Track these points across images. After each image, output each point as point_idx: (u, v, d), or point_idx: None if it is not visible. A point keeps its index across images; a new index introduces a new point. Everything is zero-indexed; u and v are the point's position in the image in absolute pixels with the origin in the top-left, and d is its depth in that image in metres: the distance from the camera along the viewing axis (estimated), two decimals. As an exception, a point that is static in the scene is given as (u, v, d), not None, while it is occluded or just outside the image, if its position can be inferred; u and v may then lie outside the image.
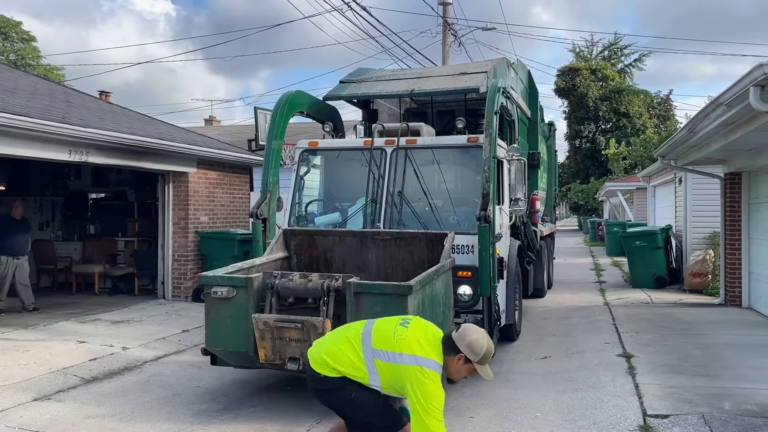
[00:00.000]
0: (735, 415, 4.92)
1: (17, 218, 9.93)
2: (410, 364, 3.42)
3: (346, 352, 3.59)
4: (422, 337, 3.56)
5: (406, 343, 3.50)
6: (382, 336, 3.58)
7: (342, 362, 3.57)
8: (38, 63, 34.85)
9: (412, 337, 3.53)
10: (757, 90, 5.28)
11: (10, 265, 9.66)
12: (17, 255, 9.77)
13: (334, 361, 3.58)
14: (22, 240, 9.92)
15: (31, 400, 5.67)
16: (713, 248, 11.86)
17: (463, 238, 6.54)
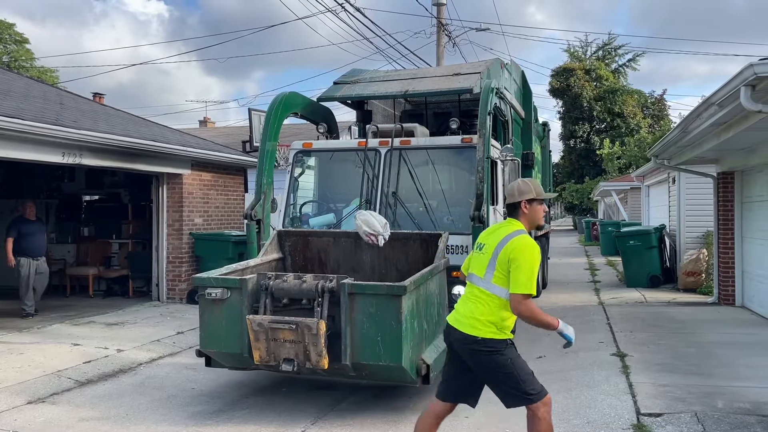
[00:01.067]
0: (728, 413, 4.95)
1: (32, 219, 9.89)
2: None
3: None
4: (495, 236, 3.75)
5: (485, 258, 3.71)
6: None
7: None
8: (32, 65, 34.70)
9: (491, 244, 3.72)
10: (748, 90, 5.32)
11: (31, 267, 9.64)
12: (36, 256, 9.75)
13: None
14: (39, 240, 9.88)
15: (25, 403, 5.66)
16: (707, 247, 11.91)
17: (457, 239, 6.55)
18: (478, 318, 3.66)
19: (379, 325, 4.75)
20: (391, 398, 5.69)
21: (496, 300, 3.64)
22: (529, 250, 3.58)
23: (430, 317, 5.34)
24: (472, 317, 3.68)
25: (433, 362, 5.09)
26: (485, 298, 3.67)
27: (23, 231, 9.67)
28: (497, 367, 3.64)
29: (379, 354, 4.77)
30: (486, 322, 3.64)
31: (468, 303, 3.76)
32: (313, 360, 4.86)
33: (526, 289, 3.52)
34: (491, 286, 3.65)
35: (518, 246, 3.58)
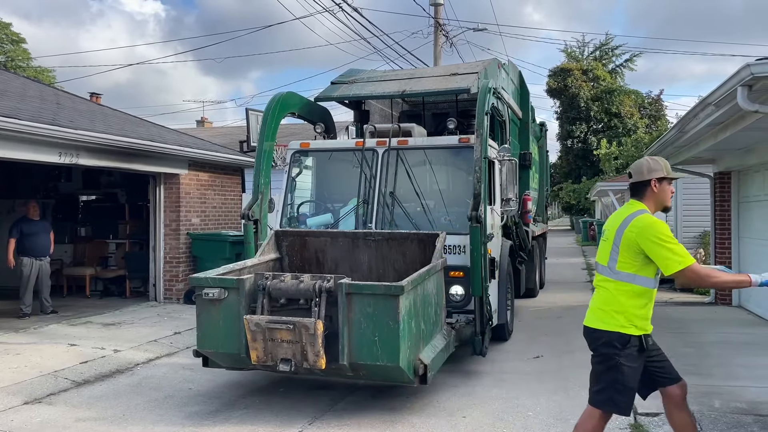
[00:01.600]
0: (725, 413, 4.96)
1: (35, 218, 9.84)
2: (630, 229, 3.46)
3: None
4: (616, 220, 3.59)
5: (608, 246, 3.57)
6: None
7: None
8: (28, 65, 34.62)
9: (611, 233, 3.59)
10: (745, 90, 5.32)
11: (33, 267, 9.60)
12: (39, 256, 9.72)
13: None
14: (44, 241, 9.84)
15: (21, 404, 5.64)
16: (703, 247, 11.94)
17: (454, 239, 6.55)
18: (604, 309, 3.49)
19: (377, 325, 4.75)
20: (388, 398, 5.69)
21: (623, 287, 3.45)
22: (655, 226, 3.37)
23: (427, 317, 5.34)
24: (598, 309, 3.54)
25: (430, 362, 5.09)
26: (611, 287, 3.50)
27: (26, 231, 9.63)
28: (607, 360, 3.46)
29: (377, 354, 4.76)
30: (612, 313, 3.46)
31: (596, 295, 3.62)
32: (310, 360, 4.85)
33: (680, 264, 3.30)
34: (616, 273, 3.48)
35: (643, 226, 3.38)
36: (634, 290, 3.44)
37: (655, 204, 3.59)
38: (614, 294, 3.48)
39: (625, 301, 3.45)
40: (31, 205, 10.04)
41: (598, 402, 3.54)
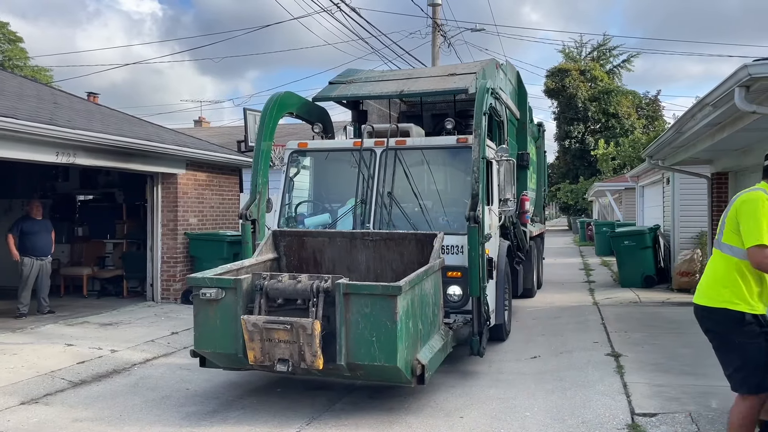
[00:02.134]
0: (722, 413, 4.96)
1: (37, 218, 9.80)
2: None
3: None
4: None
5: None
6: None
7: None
8: (25, 64, 34.54)
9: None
10: (742, 91, 5.33)
11: (34, 267, 9.57)
12: (40, 256, 9.68)
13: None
14: (45, 240, 9.81)
15: (18, 404, 5.63)
16: (701, 248, 11.95)
17: (452, 239, 6.55)
18: (711, 285, 3.50)
19: (374, 325, 4.75)
20: (386, 399, 5.68)
21: (730, 261, 3.44)
22: (754, 199, 3.36)
23: (425, 317, 5.34)
24: (706, 285, 3.54)
25: (428, 362, 5.09)
26: (719, 261, 3.51)
27: (26, 230, 9.59)
28: (722, 340, 3.47)
29: (374, 354, 4.76)
30: (719, 288, 3.45)
31: (706, 271, 3.60)
32: (308, 360, 4.85)
33: (758, 239, 3.28)
34: (722, 246, 3.49)
35: (745, 198, 3.42)
36: (738, 264, 3.45)
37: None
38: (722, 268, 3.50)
39: (732, 275, 3.46)
40: (34, 204, 9.98)
41: (738, 386, 3.55)
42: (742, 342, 3.43)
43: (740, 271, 3.44)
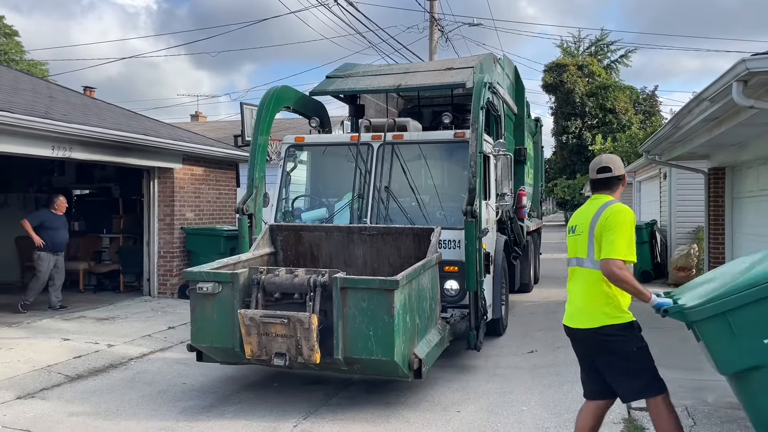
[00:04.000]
0: (718, 408, 4.98)
1: (60, 214, 9.67)
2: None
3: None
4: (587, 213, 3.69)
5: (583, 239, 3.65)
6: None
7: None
8: (21, 58, 34.38)
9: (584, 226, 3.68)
10: (740, 85, 5.33)
11: (50, 262, 9.50)
12: (57, 251, 9.61)
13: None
14: (64, 236, 9.72)
15: (14, 398, 5.61)
16: (697, 243, 11.98)
17: (449, 233, 6.55)
18: (590, 305, 3.56)
19: (372, 319, 4.74)
20: (383, 393, 5.68)
21: (602, 275, 3.51)
22: (622, 214, 3.48)
23: (422, 312, 5.34)
24: (583, 308, 3.60)
25: (425, 357, 5.09)
26: (589, 278, 3.57)
27: (48, 224, 9.44)
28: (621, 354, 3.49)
29: (371, 348, 4.76)
30: (600, 305, 3.53)
31: (580, 293, 3.65)
32: (305, 354, 4.84)
33: (623, 254, 3.39)
34: (597, 263, 3.52)
35: (612, 212, 3.49)
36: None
37: (619, 197, 3.76)
38: (598, 284, 3.52)
39: (611, 291, 3.51)
40: (58, 199, 9.75)
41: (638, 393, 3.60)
42: (639, 347, 3.53)
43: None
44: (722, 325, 3.14)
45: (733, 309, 3.13)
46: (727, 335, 3.14)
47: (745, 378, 3.21)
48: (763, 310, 3.09)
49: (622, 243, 3.41)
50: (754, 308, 3.11)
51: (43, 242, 9.30)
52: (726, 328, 3.13)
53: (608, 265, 3.41)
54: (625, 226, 3.45)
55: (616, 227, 3.44)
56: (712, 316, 3.17)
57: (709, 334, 3.22)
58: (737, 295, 3.13)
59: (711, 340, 3.22)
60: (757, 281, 3.11)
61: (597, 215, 3.55)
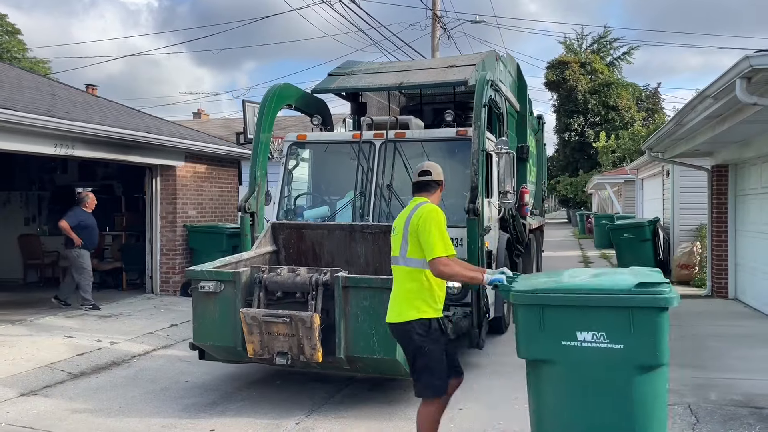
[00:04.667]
0: (721, 405, 4.97)
1: (90, 211, 9.63)
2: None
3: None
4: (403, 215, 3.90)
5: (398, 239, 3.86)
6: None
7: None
8: (23, 56, 34.42)
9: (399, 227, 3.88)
10: (744, 82, 5.31)
11: (89, 258, 9.50)
12: (91, 249, 9.64)
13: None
14: (96, 233, 9.73)
15: (17, 396, 5.63)
16: (700, 240, 11.95)
17: (451, 231, 6.44)
18: (402, 301, 3.74)
19: (373, 318, 4.74)
20: (385, 390, 5.69)
21: (414, 273, 3.71)
22: (432, 214, 3.69)
23: (424, 310, 5.32)
24: (397, 304, 3.78)
25: (427, 355, 5.07)
26: (403, 276, 3.76)
27: (83, 223, 9.39)
28: (414, 349, 3.71)
29: (373, 347, 4.76)
30: (410, 301, 3.71)
31: (394, 290, 3.85)
32: (307, 353, 4.85)
33: (440, 251, 3.61)
34: (408, 261, 3.73)
35: (422, 214, 3.70)
36: (425, 274, 3.69)
37: (437, 202, 3.97)
38: (410, 283, 3.72)
39: (420, 288, 3.70)
40: (89, 197, 9.72)
41: (418, 391, 3.78)
42: (430, 348, 3.68)
43: (424, 281, 3.70)
44: (536, 315, 3.41)
45: (549, 305, 3.39)
46: (537, 326, 3.40)
47: (537, 367, 3.50)
48: (569, 316, 3.36)
49: (437, 241, 3.62)
50: (563, 311, 3.37)
51: (81, 241, 9.31)
52: (538, 320, 3.40)
53: (434, 266, 3.61)
54: (435, 224, 3.66)
55: (427, 228, 3.65)
56: (531, 304, 3.44)
57: (523, 319, 3.48)
58: (556, 295, 3.39)
59: (523, 325, 3.48)
60: (575, 290, 3.39)
61: (410, 216, 3.76)
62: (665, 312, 3.29)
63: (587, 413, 3.36)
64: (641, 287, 3.29)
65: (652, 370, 3.32)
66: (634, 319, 3.26)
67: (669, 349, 3.41)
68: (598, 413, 3.33)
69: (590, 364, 3.32)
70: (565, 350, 3.35)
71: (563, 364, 3.37)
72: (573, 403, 3.38)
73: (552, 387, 3.45)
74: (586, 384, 3.34)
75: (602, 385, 3.31)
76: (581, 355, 3.33)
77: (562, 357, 3.37)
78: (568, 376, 3.38)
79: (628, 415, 3.29)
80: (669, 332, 3.37)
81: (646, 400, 3.30)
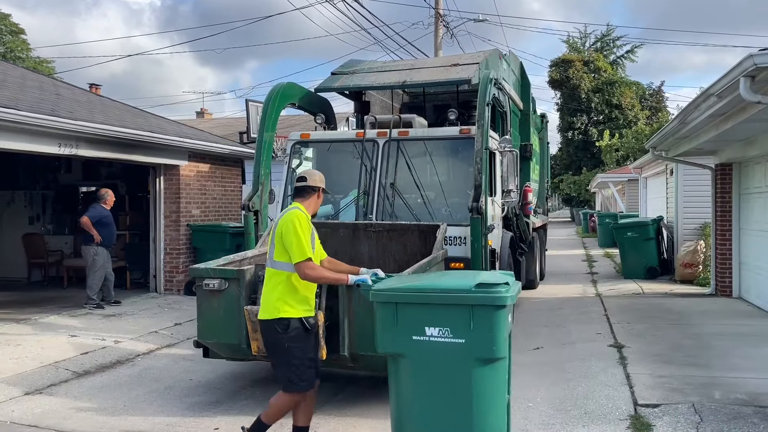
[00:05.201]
0: (725, 404, 4.96)
1: (108, 207, 9.65)
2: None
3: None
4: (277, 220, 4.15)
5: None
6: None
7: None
8: (27, 56, 34.51)
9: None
10: (747, 81, 5.29)
11: (105, 256, 9.53)
12: (109, 246, 9.67)
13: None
14: (114, 231, 9.76)
15: (22, 394, 5.65)
16: (704, 239, 11.93)
17: (455, 230, 6.54)
18: (271, 299, 3.95)
19: (377, 316, 4.73)
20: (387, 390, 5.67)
21: (281, 275, 3.94)
22: (292, 219, 3.92)
23: (428, 308, 5.33)
24: (266, 301, 3.99)
25: (431, 353, 5.08)
26: (274, 277, 3.97)
27: (104, 220, 9.41)
28: (276, 346, 3.97)
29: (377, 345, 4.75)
30: (276, 301, 3.92)
31: (265, 289, 4.05)
32: (311, 351, 4.84)
33: (302, 255, 3.85)
34: (274, 263, 3.96)
35: (284, 220, 3.95)
36: (289, 277, 3.92)
37: (314, 208, 4.22)
38: (276, 284, 3.94)
39: (283, 288, 3.92)
40: (108, 194, 9.71)
41: (285, 386, 4.01)
42: (290, 346, 3.91)
43: (291, 282, 3.93)
44: (391, 311, 3.69)
45: (402, 303, 3.68)
46: (392, 322, 3.68)
47: (395, 360, 3.76)
48: (419, 312, 3.64)
49: (297, 246, 3.85)
50: (414, 308, 3.66)
51: (101, 238, 9.33)
52: (392, 315, 3.68)
53: (300, 269, 3.87)
54: (294, 230, 3.88)
55: (288, 233, 3.89)
56: (386, 302, 3.72)
57: (380, 316, 3.75)
58: (407, 293, 3.69)
59: (380, 321, 3.75)
60: (423, 289, 3.70)
61: (277, 221, 4.04)
62: (502, 309, 3.53)
63: (434, 404, 3.61)
64: (480, 287, 3.56)
65: (490, 363, 3.57)
66: (474, 316, 3.52)
67: (507, 344, 3.67)
68: (443, 404, 3.60)
69: (437, 358, 3.59)
70: (415, 344, 3.63)
71: (414, 357, 3.65)
72: (422, 394, 3.65)
73: (406, 379, 3.72)
74: (433, 376, 3.61)
75: (447, 377, 3.58)
76: (429, 349, 3.60)
77: (413, 351, 3.64)
78: (418, 368, 3.65)
79: (468, 406, 3.55)
80: (508, 329, 3.64)
81: (485, 391, 3.58)
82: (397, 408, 3.81)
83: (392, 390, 3.84)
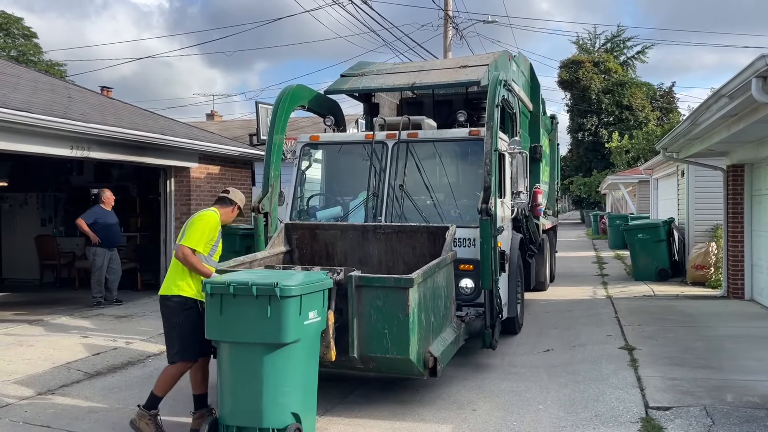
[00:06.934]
0: (737, 407, 4.93)
1: (109, 209, 9.78)
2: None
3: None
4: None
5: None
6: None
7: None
8: (39, 59, 34.83)
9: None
10: (759, 81, 5.27)
11: (105, 258, 9.65)
12: (111, 247, 9.77)
13: None
14: (116, 231, 9.86)
15: (35, 395, 5.70)
16: (716, 241, 11.84)
17: (464, 232, 6.53)
18: (170, 278, 4.61)
19: (387, 317, 4.74)
20: (398, 391, 5.69)
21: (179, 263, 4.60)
22: (204, 215, 4.69)
23: (437, 310, 5.34)
24: (167, 279, 4.65)
25: (440, 355, 5.08)
26: (175, 262, 4.62)
27: (101, 221, 9.56)
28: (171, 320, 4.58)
29: (387, 346, 4.76)
30: (175, 280, 4.57)
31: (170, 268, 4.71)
32: (320, 352, 4.85)
33: (190, 242, 4.53)
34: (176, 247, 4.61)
35: (199, 213, 4.73)
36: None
37: (226, 218, 4.92)
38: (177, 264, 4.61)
39: (182, 269, 4.59)
40: (105, 193, 9.84)
41: (171, 357, 4.64)
42: (182, 321, 4.52)
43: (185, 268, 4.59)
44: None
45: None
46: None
47: (219, 347, 4.30)
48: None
49: (195, 236, 4.57)
50: (232, 299, 4.15)
51: (99, 239, 9.42)
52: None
53: (180, 249, 4.54)
54: (201, 223, 4.63)
55: (194, 222, 4.64)
56: (213, 293, 4.18)
57: (209, 306, 4.23)
58: (224, 286, 4.15)
59: (209, 311, 4.23)
60: (239, 282, 4.14)
61: (191, 216, 4.74)
62: (288, 300, 4.04)
63: (236, 386, 4.19)
64: (280, 280, 4.10)
65: (278, 348, 4.09)
66: (271, 306, 4.03)
67: (296, 332, 4.13)
68: (242, 385, 4.17)
69: (243, 343, 4.14)
70: (231, 332, 4.16)
71: (228, 344, 4.22)
72: (231, 377, 4.23)
73: (223, 364, 4.27)
74: (239, 361, 4.18)
75: (247, 362, 4.15)
76: (240, 336, 4.13)
77: (228, 337, 4.20)
78: (230, 353, 4.23)
79: (260, 386, 4.11)
80: (296, 318, 4.10)
81: (275, 374, 4.11)
82: (220, 392, 4.32)
83: (218, 374, 4.32)
